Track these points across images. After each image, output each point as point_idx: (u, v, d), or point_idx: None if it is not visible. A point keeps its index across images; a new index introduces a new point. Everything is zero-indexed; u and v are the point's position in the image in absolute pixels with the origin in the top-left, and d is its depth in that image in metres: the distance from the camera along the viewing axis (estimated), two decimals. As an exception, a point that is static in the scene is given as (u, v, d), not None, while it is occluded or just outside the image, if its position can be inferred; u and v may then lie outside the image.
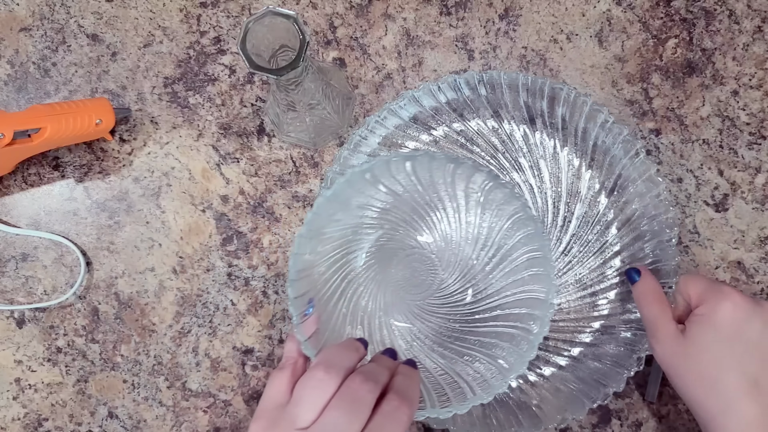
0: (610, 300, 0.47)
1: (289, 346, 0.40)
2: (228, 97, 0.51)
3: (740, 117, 0.49)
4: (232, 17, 0.51)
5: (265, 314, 0.49)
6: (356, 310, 0.46)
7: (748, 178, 0.49)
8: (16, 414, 0.49)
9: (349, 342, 0.37)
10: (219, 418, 0.49)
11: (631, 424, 0.48)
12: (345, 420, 0.32)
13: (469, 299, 0.46)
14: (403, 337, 0.46)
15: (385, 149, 0.48)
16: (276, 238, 0.50)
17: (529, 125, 0.48)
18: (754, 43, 0.50)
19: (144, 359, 0.49)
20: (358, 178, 0.40)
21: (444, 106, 0.48)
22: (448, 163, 0.40)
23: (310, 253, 0.41)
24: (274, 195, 0.50)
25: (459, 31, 0.51)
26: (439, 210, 0.46)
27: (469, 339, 0.44)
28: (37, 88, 0.51)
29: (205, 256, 0.50)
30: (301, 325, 0.39)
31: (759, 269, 0.49)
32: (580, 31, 0.50)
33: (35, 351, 0.50)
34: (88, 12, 0.52)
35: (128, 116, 0.51)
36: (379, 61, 0.51)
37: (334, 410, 0.33)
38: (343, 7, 0.51)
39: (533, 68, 0.50)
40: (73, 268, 0.50)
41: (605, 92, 0.50)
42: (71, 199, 0.50)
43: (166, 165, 0.50)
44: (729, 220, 0.49)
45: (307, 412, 0.33)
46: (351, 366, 0.35)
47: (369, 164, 0.39)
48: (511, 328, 0.42)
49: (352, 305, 0.45)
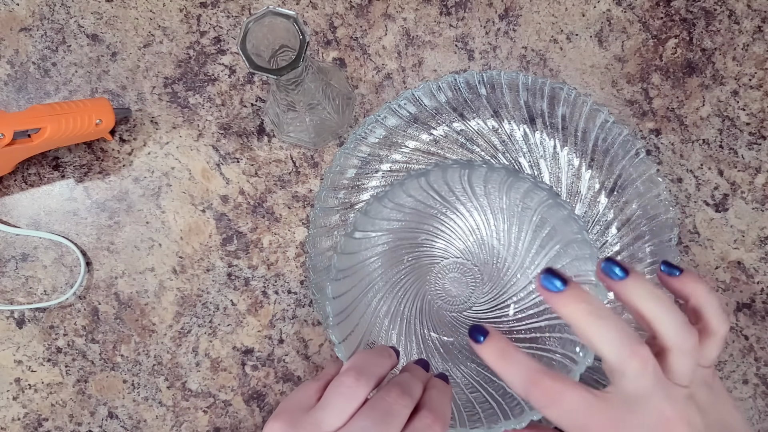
0: (610, 300, 0.47)
1: (330, 367, 0.38)
2: (228, 97, 0.51)
3: (740, 117, 0.49)
4: (232, 17, 0.51)
5: (265, 314, 0.50)
6: (395, 313, 0.45)
7: (748, 178, 0.49)
8: (16, 414, 0.49)
9: (381, 348, 0.36)
10: (219, 418, 0.49)
11: (631, 424, 0.48)
12: (375, 431, 0.31)
13: (511, 313, 0.44)
14: (437, 348, 0.45)
15: (385, 149, 0.48)
16: (276, 238, 0.50)
17: (529, 125, 0.48)
18: (754, 43, 0.50)
19: (144, 359, 0.49)
20: (413, 182, 0.39)
21: (444, 105, 0.48)
22: (490, 171, 0.38)
23: (354, 252, 0.41)
24: (274, 195, 0.50)
25: (459, 31, 0.51)
26: (478, 218, 0.45)
27: None
28: (37, 88, 0.51)
29: (205, 256, 0.50)
30: (336, 327, 0.38)
31: (759, 269, 0.49)
32: (580, 31, 0.50)
33: (35, 351, 0.50)
34: (88, 12, 0.52)
35: (128, 116, 0.51)
36: (379, 61, 0.51)
37: (365, 419, 0.31)
38: (343, 7, 0.51)
39: (533, 68, 0.50)
40: (73, 268, 0.50)
41: (605, 92, 0.50)
42: (71, 199, 0.50)
43: (166, 165, 0.50)
44: (729, 220, 0.49)
45: (334, 417, 0.32)
46: (383, 374, 0.34)
47: (425, 170, 0.39)
48: (552, 353, 0.40)
49: (392, 309, 0.45)
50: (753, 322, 0.48)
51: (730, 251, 0.49)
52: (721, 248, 0.49)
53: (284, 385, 0.49)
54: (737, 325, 0.48)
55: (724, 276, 0.49)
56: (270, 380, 0.49)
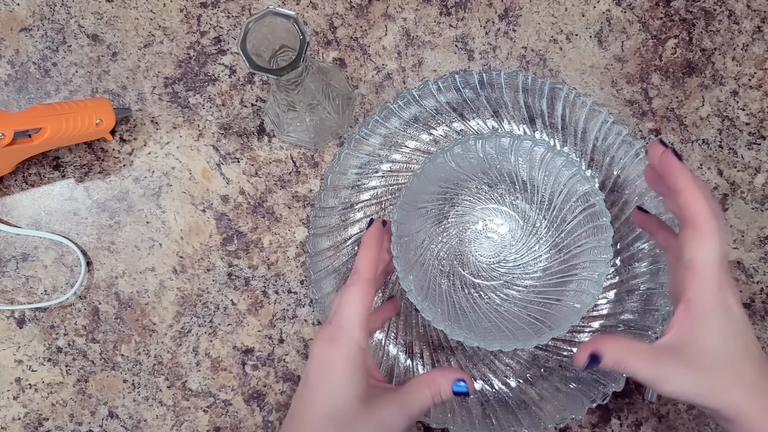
0: (610, 300, 0.47)
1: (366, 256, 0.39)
2: (228, 97, 0.51)
3: (740, 117, 0.49)
4: (232, 17, 0.51)
5: (265, 314, 0.50)
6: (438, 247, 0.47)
7: (747, 178, 0.49)
8: (16, 414, 0.50)
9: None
10: (219, 418, 0.49)
11: (630, 424, 0.48)
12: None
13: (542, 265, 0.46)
14: (464, 285, 0.47)
15: (385, 149, 0.48)
16: (276, 238, 0.50)
17: (529, 125, 0.48)
18: (753, 43, 0.50)
19: (144, 359, 0.50)
20: (498, 140, 0.41)
21: (444, 105, 0.48)
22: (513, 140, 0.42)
23: (418, 191, 0.43)
24: (275, 195, 0.50)
25: (459, 32, 0.51)
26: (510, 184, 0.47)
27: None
28: (37, 88, 0.51)
29: (205, 256, 0.50)
30: (395, 243, 0.40)
31: (759, 269, 0.49)
32: (579, 31, 0.50)
33: (35, 351, 0.50)
34: (88, 12, 0.52)
35: (128, 116, 0.51)
36: (379, 61, 0.51)
37: None
38: (343, 8, 0.51)
39: (533, 68, 0.50)
40: (74, 267, 0.50)
41: (605, 92, 0.50)
42: (71, 199, 0.51)
43: (167, 165, 0.51)
44: (729, 220, 0.49)
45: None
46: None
47: (491, 136, 0.41)
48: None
49: (437, 235, 0.47)
50: (753, 322, 0.48)
51: (730, 251, 0.49)
52: (720, 248, 0.49)
53: (284, 384, 0.49)
54: (737, 324, 0.48)
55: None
56: (270, 380, 0.49)
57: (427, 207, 0.46)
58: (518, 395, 0.46)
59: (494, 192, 0.47)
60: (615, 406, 0.48)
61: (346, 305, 0.37)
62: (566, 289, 0.43)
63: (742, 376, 0.34)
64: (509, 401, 0.46)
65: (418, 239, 0.45)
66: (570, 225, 0.44)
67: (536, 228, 0.47)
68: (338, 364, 0.35)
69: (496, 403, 0.46)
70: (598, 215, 0.40)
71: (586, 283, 0.40)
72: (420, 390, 0.37)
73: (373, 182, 0.49)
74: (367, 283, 0.37)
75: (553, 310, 0.42)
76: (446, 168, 0.43)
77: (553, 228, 0.46)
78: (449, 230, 0.48)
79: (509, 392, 0.46)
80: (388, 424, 0.35)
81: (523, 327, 0.41)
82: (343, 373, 0.35)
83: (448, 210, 0.48)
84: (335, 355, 0.35)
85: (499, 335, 0.41)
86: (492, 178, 0.47)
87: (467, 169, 0.45)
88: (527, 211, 0.47)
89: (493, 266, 0.47)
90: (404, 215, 0.41)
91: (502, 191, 0.47)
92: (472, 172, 0.46)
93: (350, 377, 0.35)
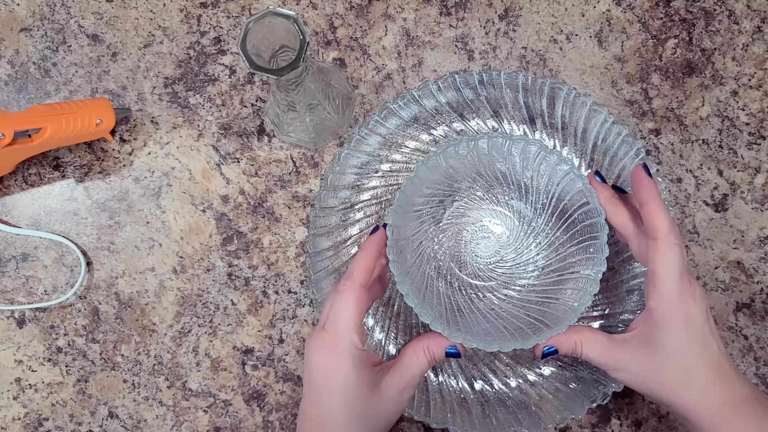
0: (609, 300, 0.47)
1: (362, 259, 0.40)
2: (228, 98, 0.51)
3: (740, 117, 0.49)
4: (232, 17, 0.51)
5: (265, 314, 0.50)
6: (434, 249, 0.47)
7: (747, 178, 0.49)
8: (16, 414, 0.50)
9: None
10: (219, 418, 0.49)
11: (630, 424, 0.48)
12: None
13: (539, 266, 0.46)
14: (462, 287, 0.47)
15: (385, 149, 0.48)
16: (276, 238, 0.50)
17: (529, 125, 0.48)
18: (753, 43, 0.50)
19: (144, 359, 0.50)
20: (491, 141, 0.42)
21: (444, 105, 0.48)
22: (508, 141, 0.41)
23: (414, 193, 0.43)
24: (275, 195, 0.50)
25: (459, 32, 0.51)
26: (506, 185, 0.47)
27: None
28: (37, 88, 0.51)
29: (205, 256, 0.50)
30: (390, 248, 0.40)
31: (758, 269, 0.49)
32: (579, 31, 0.50)
33: (35, 351, 0.50)
34: (88, 12, 0.52)
35: (128, 116, 0.51)
36: (379, 61, 0.51)
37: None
38: (343, 8, 0.51)
39: (533, 68, 0.50)
40: (74, 268, 0.50)
41: (605, 92, 0.50)
42: (71, 199, 0.51)
43: (167, 165, 0.51)
44: (728, 220, 0.49)
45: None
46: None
47: (482, 136, 0.41)
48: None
49: (436, 233, 0.47)
50: (753, 322, 0.48)
51: (730, 251, 0.49)
52: (720, 248, 0.49)
53: (284, 384, 0.49)
54: (737, 325, 0.48)
55: (724, 276, 0.49)
56: (270, 380, 0.49)
57: (423, 209, 0.46)
58: (518, 395, 0.46)
59: (489, 192, 0.47)
60: (615, 406, 0.48)
61: (341, 311, 0.38)
62: (564, 288, 0.43)
63: (695, 380, 0.36)
64: (509, 401, 0.46)
65: (414, 242, 0.45)
66: (566, 223, 0.44)
67: (533, 227, 0.47)
68: (343, 370, 0.37)
69: (496, 403, 0.46)
70: (593, 213, 0.40)
71: (584, 281, 0.40)
72: (417, 358, 0.40)
73: (373, 182, 0.49)
74: (360, 288, 0.38)
75: (551, 309, 0.42)
76: (440, 170, 0.43)
77: (549, 227, 0.46)
78: (446, 232, 0.48)
79: (509, 392, 0.46)
80: (399, 395, 0.39)
81: (522, 327, 0.41)
82: (351, 377, 0.37)
83: (444, 212, 0.48)
84: (339, 364, 0.37)
85: (498, 336, 0.41)
86: (486, 179, 0.47)
87: (461, 170, 0.45)
88: (523, 210, 0.47)
89: (491, 266, 0.47)
90: (399, 218, 0.41)
91: (498, 191, 0.47)
92: (466, 173, 0.46)
93: (358, 378, 0.37)
